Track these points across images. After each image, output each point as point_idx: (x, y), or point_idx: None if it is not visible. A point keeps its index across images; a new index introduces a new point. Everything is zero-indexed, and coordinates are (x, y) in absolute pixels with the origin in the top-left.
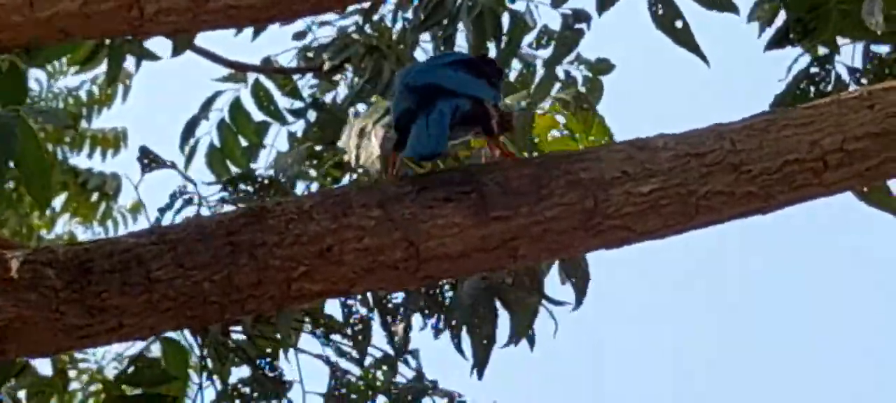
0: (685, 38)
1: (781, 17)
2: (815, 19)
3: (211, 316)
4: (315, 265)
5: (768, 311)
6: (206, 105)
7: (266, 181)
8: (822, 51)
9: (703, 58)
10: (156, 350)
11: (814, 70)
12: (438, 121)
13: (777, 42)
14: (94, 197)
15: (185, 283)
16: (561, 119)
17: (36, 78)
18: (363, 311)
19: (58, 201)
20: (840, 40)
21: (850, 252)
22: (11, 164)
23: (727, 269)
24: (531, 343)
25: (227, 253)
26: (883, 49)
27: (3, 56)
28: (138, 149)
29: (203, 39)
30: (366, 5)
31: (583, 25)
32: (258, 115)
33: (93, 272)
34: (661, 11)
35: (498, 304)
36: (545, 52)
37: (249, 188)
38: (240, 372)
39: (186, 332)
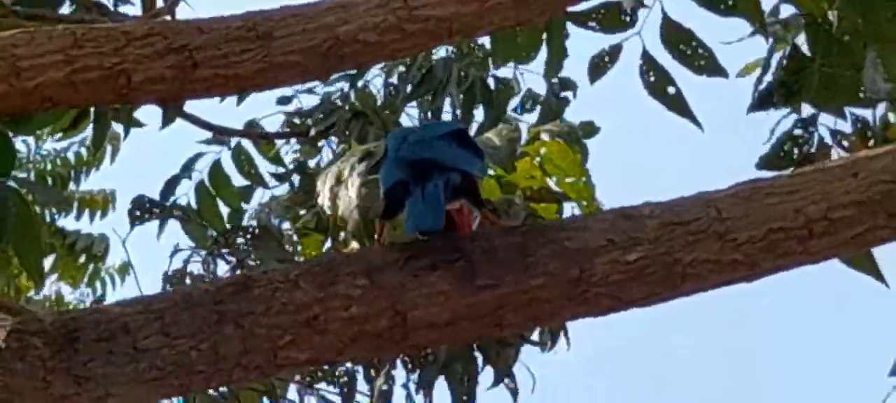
0: (678, 105)
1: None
2: (798, 82)
3: (197, 384)
4: (301, 334)
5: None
6: (188, 165)
7: (257, 231)
8: (805, 113)
9: (697, 123)
10: None
11: (797, 132)
12: (435, 197)
13: (760, 104)
14: (82, 258)
15: (171, 353)
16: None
17: (23, 140)
18: (348, 364)
19: (46, 262)
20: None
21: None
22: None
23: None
24: (514, 395)
25: (213, 322)
26: (866, 112)
27: None
28: (132, 201)
29: (189, 103)
30: (352, 73)
31: (568, 93)
32: (238, 179)
33: (80, 341)
34: (652, 79)
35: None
36: (530, 116)
37: (239, 240)
38: None
39: None
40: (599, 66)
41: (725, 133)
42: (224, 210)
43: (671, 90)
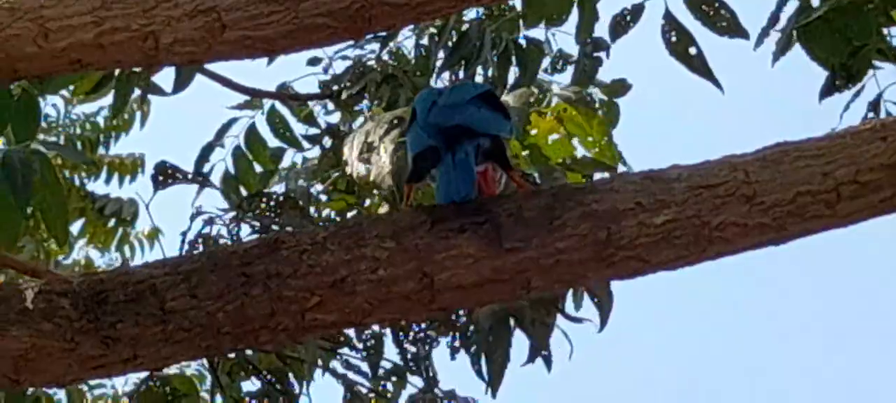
0: (699, 66)
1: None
2: (856, 64)
3: (225, 346)
4: (329, 296)
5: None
6: (222, 131)
7: (281, 198)
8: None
9: (718, 84)
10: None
11: (870, 115)
12: (467, 164)
13: (828, 91)
14: (111, 223)
15: (198, 314)
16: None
17: (53, 104)
18: (376, 328)
19: (75, 227)
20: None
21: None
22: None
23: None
24: (548, 363)
25: (240, 283)
26: None
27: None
28: (154, 166)
29: (219, 65)
30: (383, 34)
31: (602, 54)
32: (273, 142)
33: (107, 302)
34: (674, 39)
35: (512, 324)
36: (560, 77)
37: (264, 205)
38: (249, 386)
39: None
40: (621, 25)
41: (755, 98)
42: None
43: (693, 50)
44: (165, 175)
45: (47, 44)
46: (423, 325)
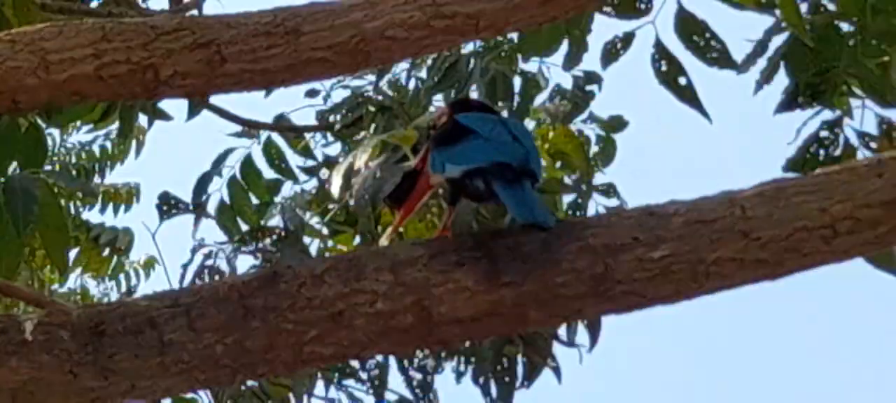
0: (688, 95)
1: (781, 75)
2: (823, 82)
3: (223, 378)
4: (327, 329)
5: None
6: (218, 162)
7: (282, 233)
8: (830, 114)
9: (706, 115)
10: None
11: (824, 134)
12: (539, 200)
13: (786, 105)
14: (106, 251)
15: (197, 347)
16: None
17: (49, 133)
18: (379, 357)
19: (70, 256)
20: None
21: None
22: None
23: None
24: (558, 375)
25: (239, 316)
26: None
27: (22, 117)
28: (158, 196)
29: (216, 96)
30: (380, 67)
31: (593, 87)
32: (269, 173)
33: (106, 334)
34: (664, 68)
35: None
36: None
37: (266, 240)
38: None
39: None
40: (612, 53)
41: (749, 131)
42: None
43: (682, 80)
44: (169, 205)
45: (48, 76)
46: (427, 351)
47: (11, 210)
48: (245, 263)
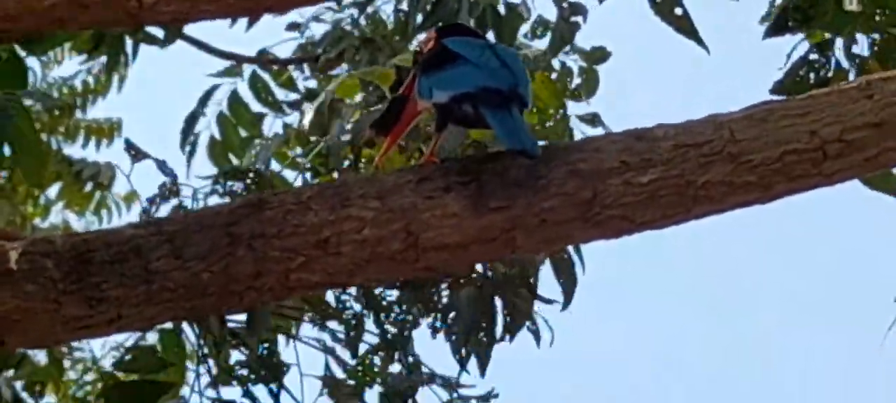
0: (685, 26)
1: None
2: (812, 6)
3: (209, 307)
4: (313, 256)
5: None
6: (205, 99)
7: (254, 176)
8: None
9: (704, 45)
10: (152, 337)
11: (813, 57)
12: (528, 127)
13: (776, 29)
14: (89, 186)
15: (183, 275)
16: None
17: (30, 67)
18: (357, 308)
19: (52, 190)
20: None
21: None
22: (6, 148)
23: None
24: (537, 338)
25: (225, 244)
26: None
27: (3, 46)
28: (124, 142)
29: (196, 30)
30: None
31: (579, 18)
32: (256, 107)
33: (92, 263)
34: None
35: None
36: (540, 43)
37: (240, 183)
38: (237, 356)
39: None
40: None
41: (737, 58)
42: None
43: (678, 11)
44: (135, 151)
45: (29, 2)
46: (404, 307)
47: None
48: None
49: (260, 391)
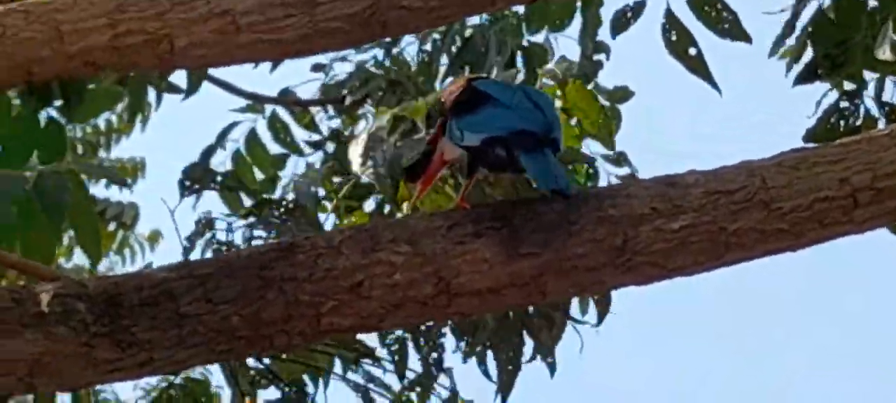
0: (697, 66)
1: (809, 53)
2: (842, 54)
3: (240, 350)
4: (345, 300)
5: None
6: (222, 135)
7: (290, 205)
8: (850, 85)
9: (716, 86)
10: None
11: (843, 104)
12: (560, 168)
13: (805, 77)
14: (112, 226)
15: (214, 318)
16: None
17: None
18: (398, 333)
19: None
20: (869, 75)
21: None
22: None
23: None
24: (552, 369)
25: (256, 287)
26: None
27: (43, 111)
28: (182, 171)
29: (221, 70)
30: (386, 40)
31: (601, 56)
32: (274, 147)
33: (123, 306)
34: (674, 38)
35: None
36: None
37: (275, 212)
38: (267, 395)
39: None
40: (622, 22)
41: (769, 106)
42: (260, 177)
43: (692, 51)
44: (194, 179)
45: (62, 46)
46: (442, 330)
47: (45, 207)
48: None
49: None
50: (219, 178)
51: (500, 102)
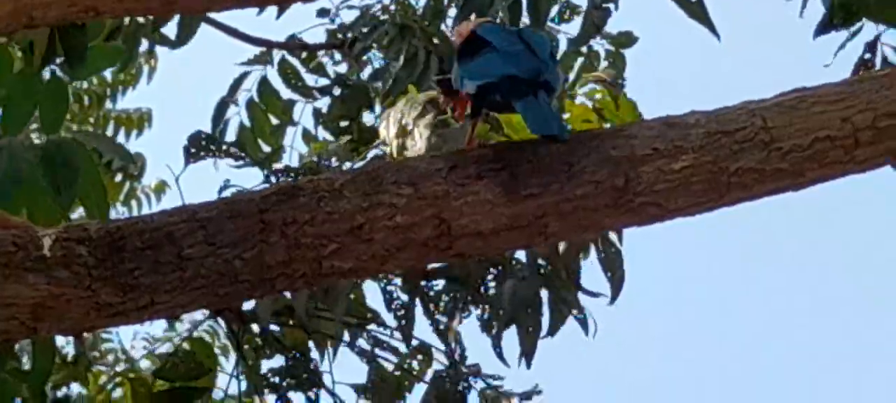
0: (697, 12)
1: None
2: (856, 3)
3: (242, 293)
4: (346, 242)
5: None
6: (235, 86)
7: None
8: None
9: (715, 32)
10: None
11: (867, 56)
12: (555, 112)
13: (823, 28)
14: (118, 177)
15: (216, 261)
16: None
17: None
18: (404, 298)
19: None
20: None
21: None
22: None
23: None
24: (584, 327)
25: (258, 231)
26: None
27: (45, 68)
28: (188, 138)
29: (225, 17)
30: None
31: (610, 4)
32: (285, 93)
33: (125, 250)
34: None
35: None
36: (567, 27)
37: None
38: (272, 363)
39: (222, 323)
40: None
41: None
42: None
43: None
44: (198, 146)
45: None
46: (455, 294)
47: (52, 181)
48: None
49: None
50: (224, 147)
51: (495, 47)
